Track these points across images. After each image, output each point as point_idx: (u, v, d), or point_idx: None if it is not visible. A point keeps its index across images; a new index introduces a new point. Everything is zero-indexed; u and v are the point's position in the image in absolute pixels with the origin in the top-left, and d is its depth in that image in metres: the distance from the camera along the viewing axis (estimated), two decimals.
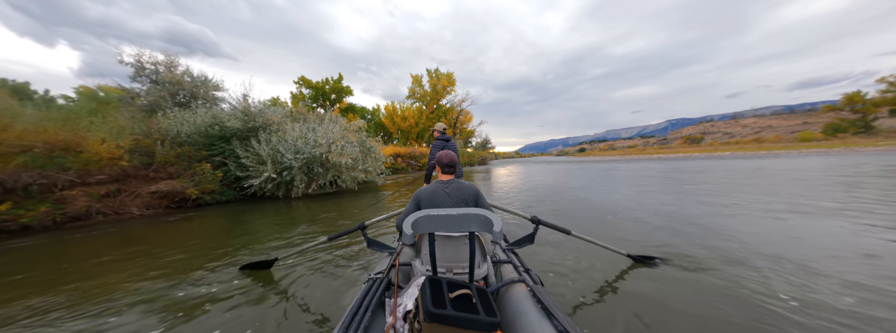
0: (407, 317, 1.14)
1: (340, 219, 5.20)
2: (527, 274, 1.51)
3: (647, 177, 10.45)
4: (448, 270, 1.38)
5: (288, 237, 4.14)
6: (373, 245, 1.84)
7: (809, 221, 3.79)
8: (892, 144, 28.23)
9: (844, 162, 13.41)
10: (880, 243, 2.90)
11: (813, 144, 39.08)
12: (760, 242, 3.04)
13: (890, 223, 3.52)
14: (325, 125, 8.57)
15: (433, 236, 1.33)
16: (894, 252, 2.67)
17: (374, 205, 6.57)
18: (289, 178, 7.71)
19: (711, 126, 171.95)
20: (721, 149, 45.53)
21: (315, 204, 6.99)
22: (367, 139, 9.48)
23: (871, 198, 4.97)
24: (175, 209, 6.89)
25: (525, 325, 1.06)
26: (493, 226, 1.26)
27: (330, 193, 8.75)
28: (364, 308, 1.14)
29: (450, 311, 0.97)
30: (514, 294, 1.26)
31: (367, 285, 1.34)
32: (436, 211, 1.31)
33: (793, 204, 4.76)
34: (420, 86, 36.73)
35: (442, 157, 1.69)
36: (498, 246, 1.91)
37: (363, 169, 8.80)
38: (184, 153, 7.58)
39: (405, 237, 1.25)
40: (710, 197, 5.89)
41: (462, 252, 1.36)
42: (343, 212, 5.88)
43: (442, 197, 1.57)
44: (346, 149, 8.08)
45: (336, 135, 8.15)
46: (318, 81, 34.08)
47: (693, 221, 3.98)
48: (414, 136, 39.51)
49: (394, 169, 20.66)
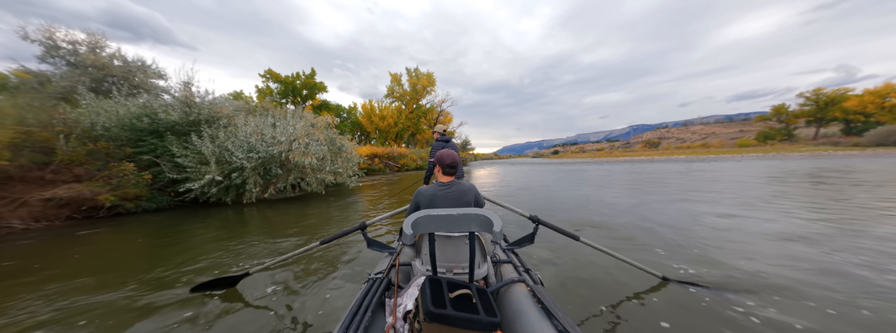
0: (407, 317, 1.12)
1: (299, 229, 4.22)
2: (527, 274, 1.48)
3: (612, 177, 10.83)
4: (448, 270, 1.35)
5: (233, 252, 3.19)
6: (373, 245, 1.77)
7: (697, 208, 4.93)
8: (811, 150, 32.60)
9: (765, 164, 14.99)
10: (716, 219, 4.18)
11: (750, 150, 44.04)
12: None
13: (729, 209, 4.77)
14: (286, 120, 7.41)
15: (433, 236, 1.31)
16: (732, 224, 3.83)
17: (343, 211, 5.62)
18: (239, 181, 6.48)
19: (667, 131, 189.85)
20: (676, 153, 49.55)
21: (272, 211, 5.87)
22: (338, 137, 8.42)
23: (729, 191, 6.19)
24: (81, 221, 5.39)
25: (525, 325, 1.04)
26: (494, 226, 1.22)
27: (292, 198, 7.58)
28: (364, 308, 1.12)
29: (450, 311, 0.95)
30: (514, 294, 1.24)
31: (367, 285, 1.32)
32: (436, 212, 1.28)
33: (689, 198, 5.97)
34: (399, 85, 35.55)
35: (444, 158, 1.61)
36: (498, 246, 1.87)
37: (332, 171, 7.75)
38: (98, 150, 6.05)
39: (405, 237, 1.22)
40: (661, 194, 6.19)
41: (462, 252, 1.34)
42: (304, 220, 4.88)
43: (442, 200, 1.53)
44: (312, 148, 7.00)
45: (299, 131, 7.05)
46: (288, 76, 31.61)
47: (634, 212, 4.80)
48: (393, 136, 38.18)
49: (369, 171, 19.42)
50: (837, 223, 3.70)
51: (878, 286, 2.08)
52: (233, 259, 3.08)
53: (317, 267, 2.72)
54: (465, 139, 48.50)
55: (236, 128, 7.16)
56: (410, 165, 23.23)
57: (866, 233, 3.24)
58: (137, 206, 5.97)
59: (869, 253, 2.68)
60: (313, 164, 6.93)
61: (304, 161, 6.64)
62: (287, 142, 6.80)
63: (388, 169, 21.57)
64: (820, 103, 51.83)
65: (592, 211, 4.91)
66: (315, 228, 4.41)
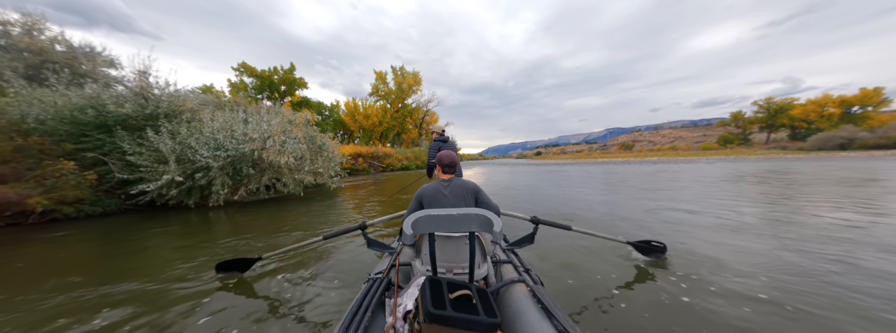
0: (407, 317, 1.11)
1: (270, 235, 3.78)
2: (527, 274, 1.48)
3: (591, 178, 11.27)
4: (448, 270, 1.34)
5: (192, 259, 2.73)
6: (373, 245, 1.78)
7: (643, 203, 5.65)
8: (764, 154, 35.69)
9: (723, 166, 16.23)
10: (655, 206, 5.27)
11: (712, 153, 47.66)
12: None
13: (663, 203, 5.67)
14: (260, 116, 6.81)
15: (433, 236, 1.30)
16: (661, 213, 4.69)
17: (321, 216, 5.19)
18: (204, 182, 5.83)
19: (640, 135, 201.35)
20: (649, 155, 52.51)
21: (242, 216, 5.31)
22: (318, 135, 7.89)
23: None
24: (4, 228, 4.57)
25: (525, 325, 1.03)
26: (494, 226, 1.22)
27: (266, 200, 6.97)
28: (364, 308, 1.11)
29: (450, 312, 0.94)
30: (514, 294, 1.23)
31: (367, 285, 1.31)
32: (436, 212, 1.27)
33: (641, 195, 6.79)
34: (384, 83, 34.73)
35: (443, 158, 1.69)
36: (498, 246, 1.88)
37: (312, 171, 7.22)
38: (29, 146, 5.18)
39: (405, 237, 1.21)
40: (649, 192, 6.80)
41: (462, 252, 1.33)
42: (278, 226, 4.41)
43: (442, 195, 1.57)
44: (289, 146, 6.46)
45: (275, 128, 6.48)
46: (265, 70, 29.90)
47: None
48: (377, 136, 37.27)
49: (353, 171, 18.72)
50: (764, 215, 4.31)
51: (786, 262, 2.55)
52: (192, 271, 2.63)
53: (317, 266, 2.73)
54: (452, 139, 48.39)
55: (202, 123, 6.47)
56: (396, 165, 22.69)
57: (787, 222, 3.89)
58: (79, 211, 5.18)
59: (785, 238, 3.20)
60: (290, 164, 6.40)
61: (279, 160, 6.10)
62: (260, 140, 6.23)
63: (372, 169, 20.91)
64: (770, 111, 57.03)
65: (569, 207, 5.47)
66: (288, 233, 3.98)
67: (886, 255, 2.61)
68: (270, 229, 4.28)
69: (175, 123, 6.33)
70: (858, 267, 2.39)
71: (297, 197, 7.27)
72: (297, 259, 2.88)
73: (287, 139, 6.55)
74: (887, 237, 3.10)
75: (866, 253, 2.66)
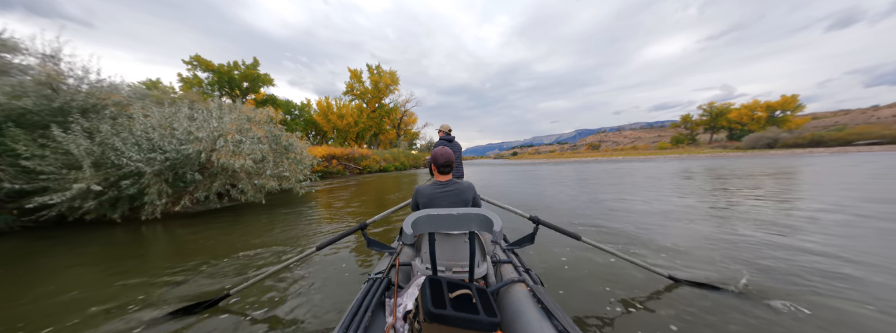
0: (407, 317, 1.11)
1: (225, 255, 2.94)
2: (527, 274, 1.46)
3: (563, 175, 11.95)
4: (448, 269, 1.33)
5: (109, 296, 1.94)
6: (373, 245, 1.71)
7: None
8: (711, 152, 39.91)
9: (676, 164, 17.84)
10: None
11: (667, 152, 52.44)
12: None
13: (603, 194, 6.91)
14: (209, 112, 5.80)
15: (433, 235, 1.29)
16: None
17: (290, 225, 4.42)
18: (134, 190, 4.76)
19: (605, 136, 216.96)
20: (614, 155, 56.33)
21: (186, 230, 4.36)
22: (284, 134, 6.97)
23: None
24: None
25: (525, 325, 1.03)
26: (493, 226, 1.20)
27: (218, 211, 5.95)
28: (364, 308, 1.11)
29: (450, 311, 0.94)
30: (514, 294, 1.23)
31: (367, 285, 1.31)
32: (436, 211, 1.27)
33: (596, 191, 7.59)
34: (360, 81, 33.26)
35: (437, 157, 1.57)
36: (498, 245, 1.84)
37: (276, 175, 6.32)
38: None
39: (405, 236, 1.21)
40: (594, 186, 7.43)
41: (462, 251, 1.32)
42: (232, 241, 3.58)
43: (440, 200, 1.54)
44: (246, 147, 5.55)
45: (228, 126, 5.53)
46: (223, 64, 27.16)
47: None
48: (353, 137, 35.62)
49: (326, 173, 17.47)
50: (692, 202, 5.30)
51: (706, 237, 3.25)
52: (114, 316, 1.87)
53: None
54: (431, 140, 47.93)
55: (132, 120, 5.33)
56: (374, 167, 21.63)
57: (707, 207, 4.82)
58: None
59: (707, 220, 4.01)
60: (248, 167, 5.49)
61: (234, 163, 5.18)
62: (209, 140, 5.26)
63: (348, 171, 19.71)
64: (712, 114, 64.04)
65: (539, 201, 6.17)
66: (248, 251, 3.24)
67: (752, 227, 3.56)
68: (224, 246, 3.47)
69: (95, 120, 5.13)
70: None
71: (257, 205, 6.32)
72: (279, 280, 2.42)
73: (244, 139, 5.63)
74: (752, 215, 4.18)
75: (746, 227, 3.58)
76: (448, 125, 3.56)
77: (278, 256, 3.05)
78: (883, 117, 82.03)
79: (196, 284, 2.44)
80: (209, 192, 5.56)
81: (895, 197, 4.99)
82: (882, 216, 3.80)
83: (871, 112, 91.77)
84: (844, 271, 2.24)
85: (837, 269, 2.28)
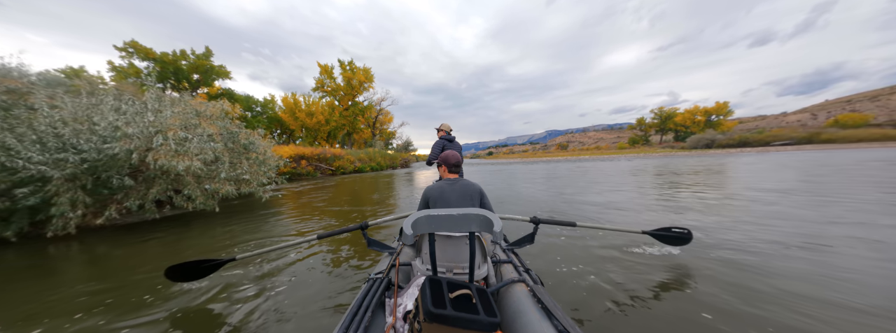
0: (407, 317, 1.11)
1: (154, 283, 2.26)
2: (527, 274, 1.46)
3: (534, 173, 12.67)
4: (448, 270, 1.33)
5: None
6: (373, 245, 1.75)
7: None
8: (664, 152, 44.45)
9: (634, 163, 19.56)
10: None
11: (627, 151, 57.30)
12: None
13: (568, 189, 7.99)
14: (143, 103, 4.81)
15: (433, 236, 1.30)
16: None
17: (249, 235, 3.75)
18: (36, 201, 3.73)
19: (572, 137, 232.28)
20: (581, 154, 60.21)
21: (110, 248, 3.48)
22: (243, 131, 6.08)
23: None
24: None
25: (525, 325, 1.03)
26: (494, 226, 1.20)
27: (158, 221, 4.98)
28: (364, 308, 1.10)
29: (450, 311, 0.94)
30: (514, 294, 1.22)
31: (367, 285, 1.30)
32: (436, 212, 1.26)
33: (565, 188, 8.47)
34: (331, 77, 31.38)
35: (449, 158, 1.78)
36: (498, 246, 1.85)
37: (233, 178, 5.47)
38: None
39: (405, 237, 1.19)
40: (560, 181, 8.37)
41: (462, 252, 1.33)
42: (161, 267, 2.88)
43: (449, 194, 1.62)
44: (194, 145, 4.68)
45: (168, 121, 4.62)
46: (167, 53, 23.93)
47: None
48: (324, 135, 33.57)
49: (294, 175, 16.10)
50: (631, 195, 6.31)
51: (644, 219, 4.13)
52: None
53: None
54: (407, 140, 46.93)
55: (34, 111, 4.21)
56: (347, 168, 20.43)
57: (650, 198, 5.82)
58: None
59: (646, 208, 4.89)
60: (197, 169, 4.63)
61: (177, 165, 4.31)
62: (144, 137, 4.33)
63: (319, 172, 18.37)
64: (662, 117, 71.33)
65: (514, 197, 6.83)
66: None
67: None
68: (155, 269, 2.77)
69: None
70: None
71: (210, 214, 5.41)
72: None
73: (191, 136, 4.74)
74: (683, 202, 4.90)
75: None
76: (448, 125, 3.50)
77: (232, 283, 2.49)
78: (790, 121, 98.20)
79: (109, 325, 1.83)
80: (144, 200, 4.61)
81: (767, 187, 6.48)
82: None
83: (782, 118, 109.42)
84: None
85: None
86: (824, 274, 2.17)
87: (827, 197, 5.02)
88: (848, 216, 3.76)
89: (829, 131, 45.31)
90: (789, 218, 3.79)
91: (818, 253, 2.57)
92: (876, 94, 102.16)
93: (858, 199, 4.68)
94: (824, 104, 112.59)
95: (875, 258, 2.43)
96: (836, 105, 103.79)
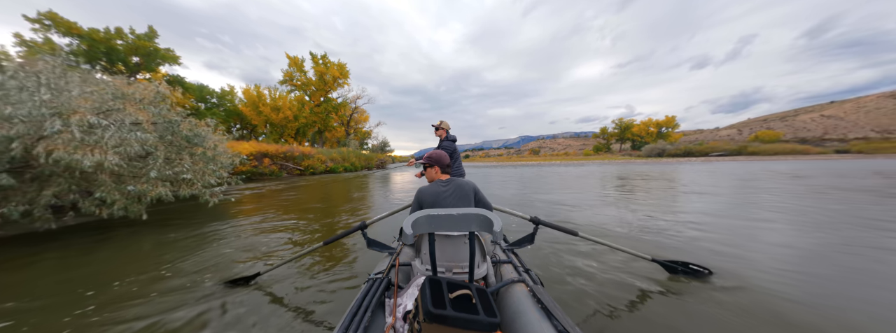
0: (407, 317, 1.10)
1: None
2: (527, 274, 1.46)
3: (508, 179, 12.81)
4: (448, 270, 1.33)
5: None
6: (373, 245, 1.76)
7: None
8: (624, 159, 48.52)
9: (598, 169, 20.97)
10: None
11: (592, 158, 61.74)
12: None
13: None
14: (35, 77, 3.63)
15: (433, 236, 1.28)
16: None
17: (179, 255, 2.87)
18: None
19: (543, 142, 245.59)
20: (551, 159, 63.40)
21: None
22: (184, 121, 4.97)
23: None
24: None
25: (525, 325, 1.03)
26: (493, 226, 1.19)
27: (55, 233, 3.77)
28: (364, 308, 1.10)
29: (450, 312, 0.93)
30: (513, 294, 1.22)
31: (367, 285, 1.30)
32: (436, 211, 1.26)
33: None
34: (301, 70, 29.14)
35: (442, 158, 1.70)
36: (498, 246, 1.84)
37: (169, 177, 4.39)
38: None
39: (405, 237, 1.19)
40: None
41: (462, 251, 1.32)
42: (54, 298, 1.94)
43: (444, 196, 1.57)
44: (113, 135, 3.61)
45: (73, 102, 3.52)
46: (97, 29, 20.44)
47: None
48: (292, 132, 31.04)
49: (253, 175, 14.37)
50: (583, 197, 6.91)
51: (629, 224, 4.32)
52: None
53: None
54: (384, 140, 45.40)
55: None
56: (318, 167, 18.86)
57: (609, 201, 6.33)
58: None
59: (604, 208, 5.44)
60: (114, 166, 3.56)
61: (81, 159, 3.25)
62: (34, 121, 3.21)
63: (285, 172, 16.67)
64: (621, 128, 78.05)
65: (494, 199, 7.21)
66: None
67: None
68: (37, 311, 1.87)
69: None
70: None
71: (134, 222, 4.26)
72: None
73: (108, 122, 3.66)
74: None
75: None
76: (447, 123, 3.35)
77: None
78: (722, 136, 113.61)
79: None
80: (35, 205, 3.44)
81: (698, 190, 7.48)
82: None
83: (716, 132, 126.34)
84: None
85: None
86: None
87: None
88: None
89: (753, 145, 53.24)
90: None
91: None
92: (783, 115, 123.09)
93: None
94: (747, 122, 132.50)
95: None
96: (756, 123, 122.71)
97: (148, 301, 2.01)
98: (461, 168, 3.37)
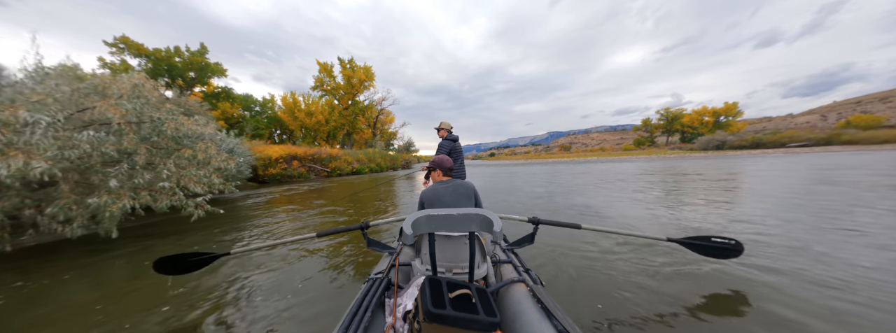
0: (407, 317, 1.10)
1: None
2: (527, 274, 1.44)
3: (535, 176, 11.72)
4: (448, 270, 1.32)
5: None
6: (373, 245, 1.72)
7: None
8: (675, 153, 42.07)
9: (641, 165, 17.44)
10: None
11: (633, 153, 54.99)
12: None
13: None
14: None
15: (433, 236, 1.27)
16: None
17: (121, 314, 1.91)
18: None
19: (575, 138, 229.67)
20: (585, 156, 58.01)
21: None
22: (171, 119, 4.19)
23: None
24: None
25: (525, 325, 1.02)
26: (493, 226, 1.17)
27: (8, 256, 3.13)
28: (364, 308, 1.09)
29: (449, 311, 0.92)
30: (513, 294, 1.21)
31: (367, 285, 1.28)
32: (436, 212, 1.24)
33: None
34: (330, 76, 29.73)
35: (444, 162, 1.80)
36: (498, 246, 1.83)
37: (140, 186, 3.62)
38: None
39: (405, 237, 1.17)
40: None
41: (462, 252, 1.31)
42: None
43: (444, 195, 1.60)
44: (44, 135, 2.83)
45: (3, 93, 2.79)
46: (160, 49, 22.43)
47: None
48: (324, 136, 31.91)
49: (282, 177, 14.28)
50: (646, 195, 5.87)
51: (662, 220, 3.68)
52: None
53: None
54: (409, 140, 45.27)
55: None
56: (344, 169, 18.63)
57: (667, 200, 5.33)
58: None
59: (658, 207, 4.57)
60: (64, 173, 2.77)
61: (23, 167, 2.46)
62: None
63: (313, 174, 16.59)
64: (668, 118, 68.71)
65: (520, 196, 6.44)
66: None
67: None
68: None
69: None
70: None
71: (105, 240, 3.51)
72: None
73: (46, 118, 2.89)
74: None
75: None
76: (448, 123, 3.44)
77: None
78: (799, 123, 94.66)
79: None
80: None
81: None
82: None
83: (790, 119, 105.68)
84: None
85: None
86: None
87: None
88: None
89: (848, 132, 42.56)
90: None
91: None
92: (886, 96, 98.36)
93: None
94: (833, 105, 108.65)
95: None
96: (846, 106, 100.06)
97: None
98: (463, 169, 3.32)
